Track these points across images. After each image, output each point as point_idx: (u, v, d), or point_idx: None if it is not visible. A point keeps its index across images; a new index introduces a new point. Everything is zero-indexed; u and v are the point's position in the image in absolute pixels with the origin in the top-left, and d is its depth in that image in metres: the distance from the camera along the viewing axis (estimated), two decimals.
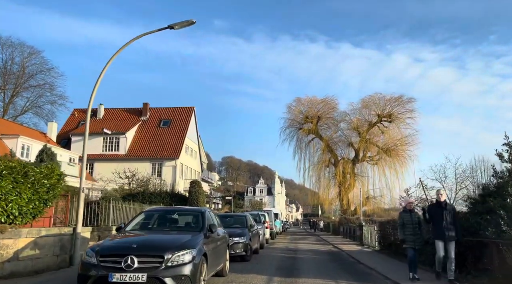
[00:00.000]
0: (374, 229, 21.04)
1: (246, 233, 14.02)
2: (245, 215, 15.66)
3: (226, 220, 15.59)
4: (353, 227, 29.96)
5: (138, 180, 31.14)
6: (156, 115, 46.69)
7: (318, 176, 48.33)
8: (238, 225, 15.15)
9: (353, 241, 27.90)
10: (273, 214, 30.93)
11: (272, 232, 29.59)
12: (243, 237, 13.60)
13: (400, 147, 45.87)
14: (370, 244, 22.07)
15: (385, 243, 17.73)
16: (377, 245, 20.69)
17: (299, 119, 49.41)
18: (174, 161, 41.53)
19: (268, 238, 25.37)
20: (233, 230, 14.23)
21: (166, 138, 43.73)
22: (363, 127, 46.96)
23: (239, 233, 13.71)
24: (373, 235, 21.45)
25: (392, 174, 45.90)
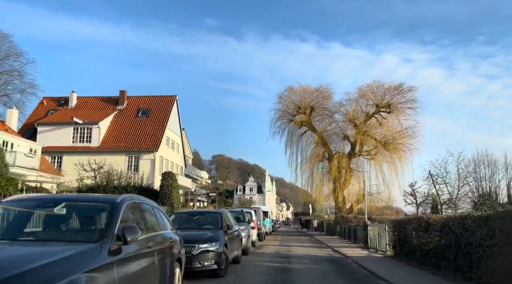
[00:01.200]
0: (385, 230, 16.92)
1: (220, 237, 9.77)
2: (220, 213, 11.36)
3: (193, 219, 11.32)
4: (352, 227, 25.86)
5: (106, 173, 26.62)
6: (134, 104, 42.10)
7: (311, 172, 44.21)
8: (210, 226, 10.92)
9: (354, 243, 23.80)
10: (261, 212, 26.75)
11: (261, 233, 25.42)
12: (214, 243, 9.35)
13: (399, 140, 41.92)
14: (377, 248, 17.96)
15: (403, 248, 13.64)
16: (388, 249, 16.60)
17: (290, 110, 45.22)
18: (153, 154, 37.04)
19: (255, 240, 21.24)
20: (200, 233, 9.97)
21: (144, 129, 39.22)
22: (360, 119, 42.95)
23: (208, 237, 9.46)
24: (383, 237, 17.36)
25: (391, 169, 41.97)
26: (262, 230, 25.36)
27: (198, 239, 9.33)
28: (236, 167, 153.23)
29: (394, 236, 14.95)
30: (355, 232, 24.50)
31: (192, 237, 9.45)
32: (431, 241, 11.17)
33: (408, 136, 41.51)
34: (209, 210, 15.42)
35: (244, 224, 15.94)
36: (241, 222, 16.26)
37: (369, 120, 43.07)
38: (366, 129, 42.50)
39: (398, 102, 41.51)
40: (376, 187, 43.44)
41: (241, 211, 17.38)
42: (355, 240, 24.02)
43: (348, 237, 26.89)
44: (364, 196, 43.95)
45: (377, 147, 42.70)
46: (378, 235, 18.15)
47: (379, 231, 18.21)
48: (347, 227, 27.75)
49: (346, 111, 43.54)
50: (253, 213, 20.49)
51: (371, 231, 19.69)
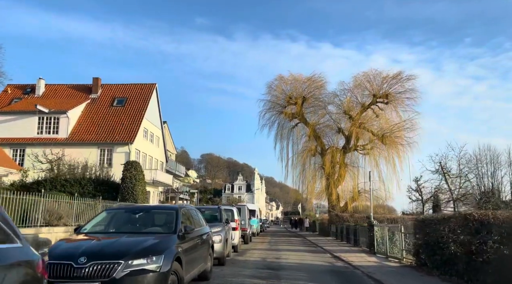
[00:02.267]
0: (400, 232, 13.22)
1: (167, 247, 5.91)
2: (175, 209, 7.40)
3: (134, 219, 7.41)
4: (351, 227, 22.16)
5: (66, 165, 22.54)
6: (109, 92, 37.89)
7: (302, 167, 40.43)
8: (158, 228, 7.08)
9: (355, 246, 20.13)
10: (247, 211, 22.91)
11: (246, 235, 21.60)
12: (156, 257, 5.52)
13: (398, 133, 38.40)
14: (388, 253, 14.31)
15: (432, 256, 9.95)
16: (404, 256, 12.93)
17: (281, 101, 41.42)
18: (128, 146, 32.92)
19: (239, 243, 17.47)
20: (134, 241, 6.09)
21: (119, 119, 35.07)
22: (355, 110, 39.34)
23: (145, 248, 5.64)
24: (398, 240, 13.71)
25: (388, 164, 38.51)
26: (247, 231, 21.56)
27: (127, 252, 5.50)
28: (225, 165, 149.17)
29: (416, 240, 11.25)
30: (355, 233, 20.80)
31: (117, 248, 5.61)
32: (487, 249, 7.53)
33: (407, 129, 37.99)
34: (160, 206, 11.36)
35: (220, 225, 12.06)
36: (216, 222, 12.42)
37: (365, 112, 39.50)
38: (362, 121, 38.92)
39: (396, 92, 38.01)
40: (372, 183, 40.01)
41: (217, 208, 13.49)
42: (356, 242, 20.34)
43: (346, 238, 23.20)
44: (358, 193, 40.69)
45: (373, 141, 39.15)
46: (388, 237, 14.48)
47: (390, 232, 14.54)
48: (344, 228, 24.06)
49: (340, 102, 39.92)
50: (235, 211, 16.64)
51: (378, 232, 16.02)
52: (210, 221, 12.62)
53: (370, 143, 38.85)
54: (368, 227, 16.82)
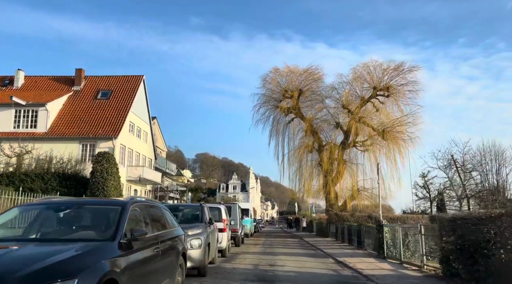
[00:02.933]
0: (420, 233, 10.92)
1: (93, 265, 3.61)
2: (122, 205, 4.95)
3: (52, 220, 4.99)
4: (354, 228, 19.84)
5: (36, 159, 20.07)
6: (93, 84, 35.35)
7: (299, 164, 38.14)
8: (88, 232, 4.71)
9: (359, 248, 17.83)
10: (238, 210, 20.52)
11: (237, 236, 19.21)
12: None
13: (399, 127, 36.18)
14: (402, 258, 12.02)
15: (472, 266, 7.62)
16: (426, 263, 10.65)
17: (276, 94, 39.06)
18: (111, 141, 30.41)
19: (228, 247, 15.14)
20: (34, 255, 3.67)
21: (103, 112, 32.56)
22: (354, 104, 37.11)
23: (43, 270, 3.33)
24: (413, 243, 11.43)
25: (389, 161, 36.31)
26: (239, 232, 19.16)
27: (11, 273, 3.17)
28: (220, 165, 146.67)
29: (445, 244, 8.96)
30: (359, 234, 18.49)
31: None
32: None
33: (409, 124, 35.75)
34: (100, 200, 8.72)
35: (201, 226, 9.66)
36: (198, 222, 10.08)
37: (364, 106, 37.26)
38: (362, 115, 36.71)
39: (397, 84, 35.78)
40: (371, 181, 37.83)
41: (199, 206, 11.06)
42: (360, 244, 18.04)
43: (348, 240, 20.87)
44: (358, 192, 38.42)
45: (373, 137, 36.96)
46: (403, 240, 12.19)
47: (404, 234, 12.25)
48: (346, 228, 21.72)
49: (338, 96, 37.61)
50: (223, 210, 14.23)
51: (388, 234, 13.72)
52: (190, 221, 10.27)
53: (370, 138, 36.61)
54: (377, 227, 14.50)
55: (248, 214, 29.29)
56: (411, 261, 11.61)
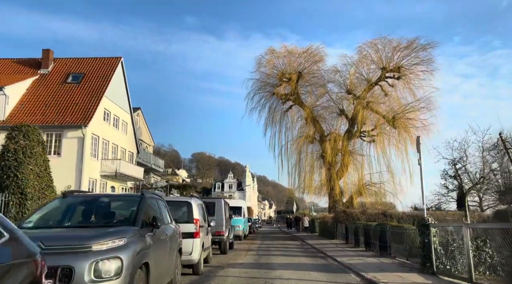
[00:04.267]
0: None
1: None
2: None
3: None
4: (375, 229, 15.25)
5: None
6: (62, 67, 30.61)
7: (298, 156, 33.64)
8: None
9: (383, 255, 13.21)
10: (225, 207, 15.85)
11: (222, 241, 14.62)
12: None
13: (411, 114, 31.70)
14: (473, 276, 7.52)
15: None
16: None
17: (272, 79, 34.49)
18: (81, 130, 25.75)
19: (207, 257, 10.63)
20: None
21: (73, 98, 27.87)
22: (360, 88, 32.66)
23: None
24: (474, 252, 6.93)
25: (399, 152, 31.86)
26: (224, 235, 14.56)
27: None
28: (216, 164, 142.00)
29: None
30: (381, 237, 13.93)
31: None
32: None
33: (423, 109, 31.32)
34: None
35: (124, 234, 4.97)
36: (126, 225, 5.48)
37: (372, 90, 32.85)
38: (369, 100, 32.30)
39: (410, 64, 31.34)
40: (378, 175, 33.30)
41: (138, 198, 6.28)
42: (384, 250, 13.48)
43: (365, 244, 16.24)
44: (364, 187, 33.90)
45: (380, 126, 32.47)
46: (458, 247, 7.69)
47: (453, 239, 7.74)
48: (361, 228, 17.09)
49: (342, 79, 33.17)
50: (194, 206, 9.52)
51: (437, 238, 9.21)
52: (111, 222, 5.64)
53: (378, 127, 32.16)
54: (419, 227, 9.91)
55: (240, 212, 24.71)
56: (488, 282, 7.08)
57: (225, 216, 15.10)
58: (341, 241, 21.47)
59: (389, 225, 13.72)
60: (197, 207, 9.65)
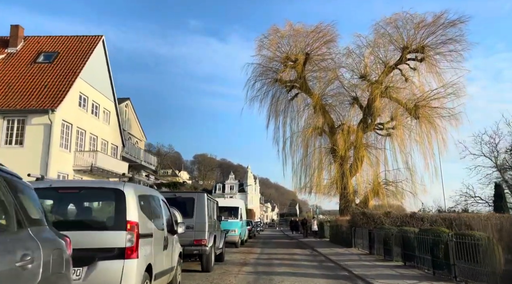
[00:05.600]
0: None
1: None
2: None
3: None
4: (423, 239, 10.74)
5: None
6: (34, 46, 26.32)
7: (305, 150, 28.98)
8: None
9: (442, 277, 8.75)
10: (211, 206, 11.22)
11: (205, 254, 10.13)
12: None
13: (436, 101, 27.24)
14: None
15: None
16: None
17: (275, 63, 29.86)
18: (47, 115, 21.42)
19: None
20: None
21: (43, 79, 23.57)
22: (377, 72, 28.20)
23: None
24: None
25: (422, 146, 27.33)
26: (207, 245, 10.07)
27: None
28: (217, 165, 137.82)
29: None
30: (433, 250, 9.48)
31: None
32: None
33: (450, 96, 26.74)
34: None
35: None
36: None
37: (390, 74, 28.38)
38: (388, 85, 27.81)
39: (435, 43, 26.75)
40: (394, 173, 28.74)
41: None
42: (439, 269, 9.03)
43: (403, 256, 11.72)
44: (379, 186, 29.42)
45: (400, 116, 28.01)
46: None
47: None
48: (397, 236, 12.50)
49: (355, 63, 28.69)
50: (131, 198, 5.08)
51: None
52: None
53: (398, 117, 27.66)
54: None
55: (237, 214, 20.24)
56: None
57: (209, 218, 10.63)
58: (362, 250, 16.93)
59: (447, 232, 9.21)
60: (135, 200, 5.14)
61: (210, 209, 11.03)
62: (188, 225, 9.86)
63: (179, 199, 10.27)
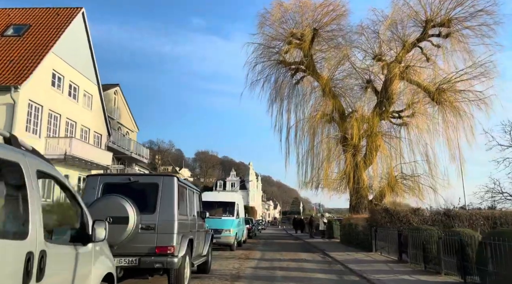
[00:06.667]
0: None
1: None
2: None
3: None
4: (500, 245, 7.27)
5: None
6: (3, 19, 22.87)
7: (311, 140, 25.55)
8: None
9: None
10: (180, 196, 7.34)
11: (173, 267, 6.65)
12: None
13: (462, 83, 23.66)
14: None
15: None
16: None
17: (279, 43, 26.34)
18: (9, 93, 18.02)
19: None
20: None
21: (9, 54, 20.20)
22: (395, 50, 24.62)
23: None
24: None
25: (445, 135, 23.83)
26: (178, 254, 6.59)
27: None
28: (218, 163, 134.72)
29: None
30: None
31: None
32: None
33: (479, 77, 23.10)
34: None
35: None
36: None
37: (409, 53, 24.79)
38: (407, 64, 24.23)
39: (463, 16, 23.21)
40: (411, 166, 25.22)
41: None
42: None
43: (463, 268, 8.29)
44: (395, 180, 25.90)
45: (418, 102, 24.45)
46: None
47: None
48: (451, 242, 9.01)
49: (369, 42, 25.14)
50: None
51: None
52: None
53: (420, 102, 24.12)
54: None
55: (232, 211, 16.74)
56: None
57: (182, 213, 7.12)
58: (387, 256, 13.41)
59: None
60: None
61: (185, 201, 7.53)
62: (148, 225, 6.42)
63: (136, 185, 6.82)
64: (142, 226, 6.41)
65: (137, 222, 6.32)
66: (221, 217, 16.05)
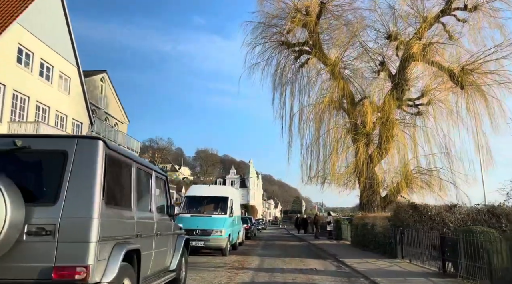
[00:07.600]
0: None
1: None
2: None
3: None
4: None
5: None
6: None
7: (318, 128, 22.46)
8: None
9: None
10: (110, 172, 4.92)
11: None
12: None
13: (489, 64, 20.57)
14: None
15: None
16: None
17: (281, 21, 23.30)
18: None
19: None
20: None
21: None
22: (415, 27, 21.50)
23: None
24: None
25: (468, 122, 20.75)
26: (98, 281, 3.74)
27: None
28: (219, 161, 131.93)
29: None
30: None
31: None
32: None
33: (509, 57, 20.13)
34: None
35: None
36: None
37: (429, 30, 21.70)
38: (429, 41, 21.12)
39: None
40: (428, 159, 22.14)
41: None
42: None
43: None
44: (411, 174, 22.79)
45: (440, 86, 21.40)
46: None
47: None
48: None
49: (383, 18, 22.06)
50: None
51: None
52: None
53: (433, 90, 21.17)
54: None
55: (225, 208, 13.68)
56: None
57: (110, 205, 4.10)
58: (421, 265, 10.34)
59: None
60: None
61: (130, 186, 4.48)
62: (42, 226, 3.36)
63: (25, 155, 3.75)
64: (31, 228, 3.37)
65: (16, 220, 3.28)
66: (211, 216, 13.03)
